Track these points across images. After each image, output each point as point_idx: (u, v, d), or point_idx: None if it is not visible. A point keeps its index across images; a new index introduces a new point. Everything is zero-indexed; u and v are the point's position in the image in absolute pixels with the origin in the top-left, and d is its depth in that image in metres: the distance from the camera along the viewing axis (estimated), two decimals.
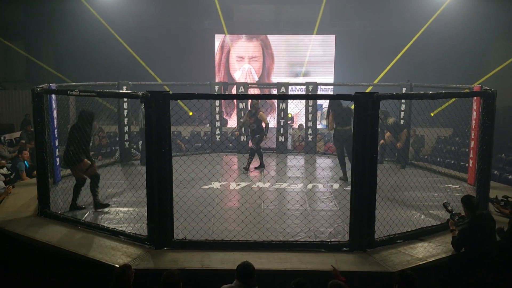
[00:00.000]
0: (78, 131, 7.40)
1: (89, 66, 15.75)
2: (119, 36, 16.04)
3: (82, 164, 7.49)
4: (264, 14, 17.73)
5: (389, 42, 16.16)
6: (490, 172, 7.57)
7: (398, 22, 16.26)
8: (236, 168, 10.65)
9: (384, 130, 10.82)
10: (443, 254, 5.97)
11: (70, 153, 7.41)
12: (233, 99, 14.17)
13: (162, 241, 6.01)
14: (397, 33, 16.11)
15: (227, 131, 13.82)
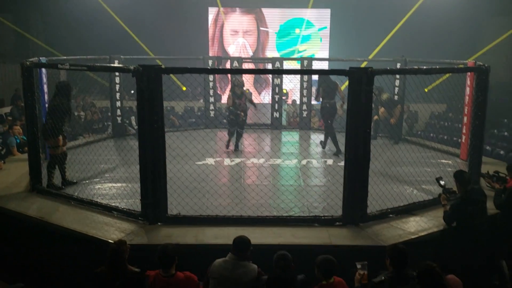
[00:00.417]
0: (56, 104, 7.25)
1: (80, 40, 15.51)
2: (110, 9, 15.79)
3: (55, 140, 7.35)
4: None
5: (384, 17, 16.01)
6: (482, 147, 7.61)
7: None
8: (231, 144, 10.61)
9: (378, 106, 10.82)
10: (435, 228, 6.03)
11: (47, 126, 7.27)
12: (227, 74, 14.06)
13: (155, 216, 6.01)
14: (392, 8, 15.95)
15: (221, 107, 13.75)
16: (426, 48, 14.58)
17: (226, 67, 13.56)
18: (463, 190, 5.93)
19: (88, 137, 11.34)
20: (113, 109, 11.45)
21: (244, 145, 10.39)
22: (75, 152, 9.22)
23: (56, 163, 7.46)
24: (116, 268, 4.63)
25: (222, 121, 13.00)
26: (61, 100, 7.26)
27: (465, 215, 5.83)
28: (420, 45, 14.86)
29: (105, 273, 4.65)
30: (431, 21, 15.45)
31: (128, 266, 4.72)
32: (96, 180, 7.93)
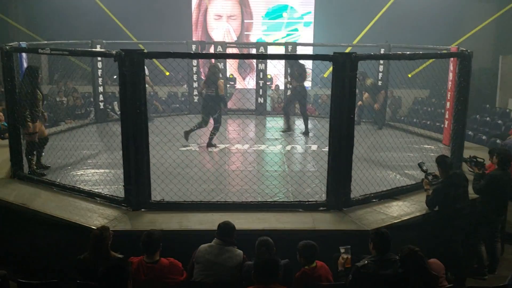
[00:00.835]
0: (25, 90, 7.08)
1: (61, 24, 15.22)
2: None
3: (31, 127, 7.20)
4: None
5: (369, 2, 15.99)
6: (464, 132, 7.68)
7: None
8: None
9: (362, 91, 10.85)
10: (418, 213, 6.10)
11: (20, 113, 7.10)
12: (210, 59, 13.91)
13: (139, 202, 5.98)
14: None
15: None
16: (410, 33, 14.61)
17: (210, 52, 13.45)
18: (445, 175, 6.00)
19: (71, 123, 11.21)
20: (95, 95, 11.32)
21: (229, 130, 10.35)
22: (57, 138, 9.13)
23: (34, 149, 7.35)
24: (99, 255, 4.61)
25: None
26: (29, 85, 7.10)
27: (447, 199, 5.91)
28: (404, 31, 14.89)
29: (88, 260, 4.63)
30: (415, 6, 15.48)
31: (111, 253, 4.70)
32: (78, 166, 7.85)
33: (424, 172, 6.28)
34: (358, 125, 9.72)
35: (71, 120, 11.63)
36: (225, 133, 10.11)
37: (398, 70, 8.21)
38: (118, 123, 6.21)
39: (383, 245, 4.52)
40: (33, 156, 7.36)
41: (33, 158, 7.35)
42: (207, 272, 4.61)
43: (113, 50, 5.84)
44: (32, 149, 7.34)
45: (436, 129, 10.57)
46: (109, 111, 11.82)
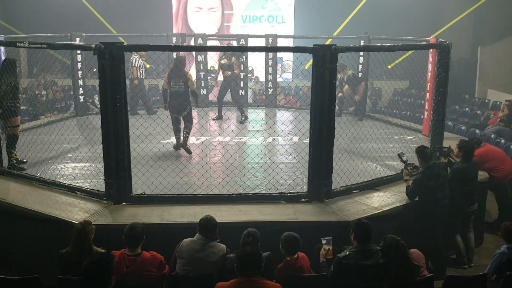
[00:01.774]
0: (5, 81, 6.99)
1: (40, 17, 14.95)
2: None
3: (14, 120, 7.13)
4: None
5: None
6: (444, 123, 7.77)
7: None
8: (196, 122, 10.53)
9: (343, 83, 10.90)
10: (398, 203, 6.17)
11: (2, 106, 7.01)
12: (190, 51, 13.85)
13: (120, 196, 5.95)
14: None
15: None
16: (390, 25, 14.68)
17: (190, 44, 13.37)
18: (425, 165, 6.08)
19: (50, 116, 11.07)
20: (75, 88, 11.19)
21: (210, 123, 10.34)
22: (37, 132, 9.02)
23: (15, 142, 7.26)
24: (81, 249, 4.60)
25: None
26: (9, 78, 6.99)
27: (427, 189, 5.99)
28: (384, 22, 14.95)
29: (71, 254, 4.62)
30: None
31: (93, 247, 4.68)
32: (59, 160, 7.78)
33: (403, 162, 6.35)
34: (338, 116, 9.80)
35: (51, 113, 11.48)
36: (206, 125, 10.09)
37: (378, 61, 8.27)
38: (98, 116, 6.16)
39: (364, 235, 4.58)
40: (14, 149, 7.27)
41: (13, 151, 7.27)
42: (190, 267, 4.62)
43: (92, 43, 5.78)
44: (14, 143, 7.26)
45: (416, 119, 10.69)
46: (89, 104, 11.70)
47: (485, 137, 9.38)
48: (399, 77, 13.01)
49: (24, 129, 9.15)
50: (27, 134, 8.54)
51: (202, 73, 12.22)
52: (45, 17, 14.85)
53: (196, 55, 12.31)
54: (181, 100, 8.06)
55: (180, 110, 8.11)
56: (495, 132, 9.66)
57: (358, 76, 11.17)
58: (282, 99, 13.25)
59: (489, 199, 7.51)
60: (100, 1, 15.50)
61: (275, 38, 12.27)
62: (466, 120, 12.12)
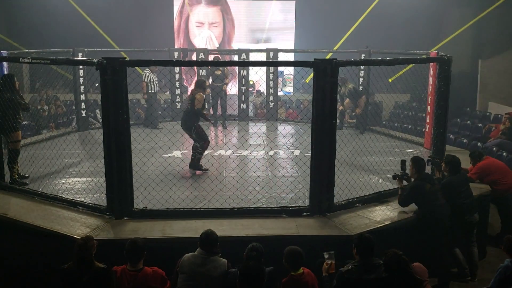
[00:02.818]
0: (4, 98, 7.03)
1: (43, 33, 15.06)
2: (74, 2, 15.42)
3: (15, 135, 7.19)
4: None
5: (349, 8, 16.12)
6: (445, 136, 7.78)
7: None
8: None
9: (344, 97, 10.94)
10: (400, 217, 6.16)
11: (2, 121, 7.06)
12: (192, 66, 13.93)
13: (122, 211, 5.94)
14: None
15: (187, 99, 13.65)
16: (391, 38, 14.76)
17: (192, 59, 13.45)
18: (418, 175, 6.11)
19: (52, 131, 11.11)
20: (77, 103, 11.24)
21: (211, 137, 10.35)
22: (39, 146, 9.03)
23: (17, 157, 7.29)
24: (83, 264, 4.57)
25: None
26: (7, 93, 7.03)
27: (424, 195, 5.99)
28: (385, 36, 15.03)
29: (72, 269, 4.59)
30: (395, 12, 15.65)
31: (95, 262, 4.66)
32: (60, 175, 7.79)
33: (402, 170, 6.34)
34: (340, 129, 9.82)
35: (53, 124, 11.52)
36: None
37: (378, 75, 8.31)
38: (100, 131, 6.18)
39: (366, 249, 4.55)
40: (16, 164, 7.29)
41: (15, 166, 7.28)
42: (191, 282, 4.59)
43: (94, 58, 5.83)
44: (16, 157, 7.28)
45: (417, 133, 10.69)
46: (92, 119, 11.73)
47: (487, 150, 9.37)
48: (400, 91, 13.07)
49: (26, 144, 9.19)
50: (29, 149, 8.57)
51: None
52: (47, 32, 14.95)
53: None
54: (185, 118, 8.05)
55: (186, 129, 8.08)
56: (497, 145, 9.66)
57: (359, 89, 11.20)
58: (283, 113, 13.28)
59: (492, 212, 7.49)
60: (103, 17, 15.62)
61: (276, 52, 12.34)
62: (468, 133, 12.11)
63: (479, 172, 7.41)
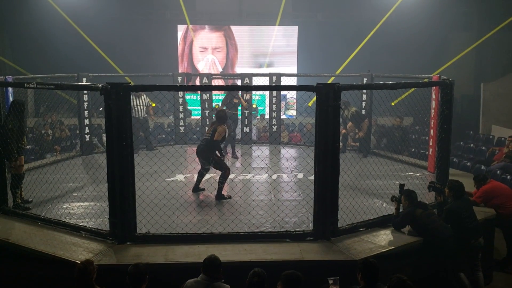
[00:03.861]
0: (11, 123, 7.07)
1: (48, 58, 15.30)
2: (79, 27, 15.65)
3: (18, 160, 7.22)
4: (227, 5, 17.59)
5: (351, 32, 16.30)
6: (449, 159, 7.77)
7: (358, 13, 16.43)
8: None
9: (346, 120, 10.96)
10: (405, 242, 6.10)
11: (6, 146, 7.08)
12: (195, 91, 14.04)
13: (124, 235, 5.92)
14: (358, 24, 16.28)
15: (191, 122, 13.71)
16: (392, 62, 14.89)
17: (196, 83, 13.56)
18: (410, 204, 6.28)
19: (57, 155, 11.14)
20: (81, 127, 11.30)
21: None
22: (43, 171, 9.05)
23: (20, 182, 7.30)
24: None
25: (192, 137, 13.00)
26: (15, 120, 7.08)
27: (417, 220, 6.09)
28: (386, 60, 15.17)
29: None
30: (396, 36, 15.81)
31: (96, 287, 4.63)
32: (64, 199, 7.77)
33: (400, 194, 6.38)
34: (343, 153, 9.81)
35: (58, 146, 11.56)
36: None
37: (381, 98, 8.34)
38: (104, 155, 6.20)
39: (371, 275, 4.52)
40: (19, 189, 7.30)
41: (18, 191, 7.29)
42: None
43: (99, 84, 5.88)
44: (18, 182, 7.29)
45: (421, 156, 10.67)
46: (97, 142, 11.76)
47: (491, 173, 9.33)
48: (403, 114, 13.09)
49: (30, 168, 9.21)
50: (32, 174, 8.58)
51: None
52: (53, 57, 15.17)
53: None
54: (204, 148, 7.94)
55: (204, 159, 7.95)
56: (501, 168, 9.62)
57: (362, 113, 11.23)
58: (286, 136, 13.30)
59: (497, 236, 7.41)
60: (107, 42, 15.83)
61: (279, 76, 12.42)
62: (471, 156, 12.07)
63: (483, 195, 7.37)
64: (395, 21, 15.79)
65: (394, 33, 15.80)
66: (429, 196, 7.34)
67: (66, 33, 15.50)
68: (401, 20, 15.79)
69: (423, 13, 15.43)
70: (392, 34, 15.79)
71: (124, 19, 16.67)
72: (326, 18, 17.12)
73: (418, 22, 15.59)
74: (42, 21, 15.38)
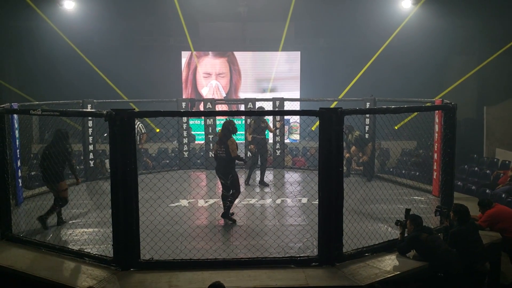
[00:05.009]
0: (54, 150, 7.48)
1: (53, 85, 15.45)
2: (83, 54, 15.83)
3: (61, 185, 7.61)
4: (230, 31, 17.79)
5: (353, 57, 16.42)
6: (453, 183, 7.75)
7: (360, 38, 16.56)
8: (205, 185, 10.58)
9: (350, 144, 10.98)
10: (411, 267, 6.06)
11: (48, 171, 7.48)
12: (199, 116, 14.11)
13: (128, 262, 5.90)
14: (360, 49, 16.40)
15: (195, 147, 13.75)
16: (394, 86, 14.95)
17: (200, 109, 13.66)
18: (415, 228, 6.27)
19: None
20: (85, 153, 11.35)
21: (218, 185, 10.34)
22: (48, 197, 9.04)
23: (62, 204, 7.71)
24: None
25: (195, 161, 13.03)
26: (62, 146, 7.55)
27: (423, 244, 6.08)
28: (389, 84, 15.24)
29: None
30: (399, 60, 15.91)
31: None
32: (68, 225, 7.78)
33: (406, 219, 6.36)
34: (347, 177, 9.80)
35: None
36: (214, 188, 10.11)
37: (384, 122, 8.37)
38: (108, 181, 6.22)
39: None
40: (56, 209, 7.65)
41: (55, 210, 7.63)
42: None
43: (104, 110, 5.93)
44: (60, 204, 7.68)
45: (425, 180, 10.64)
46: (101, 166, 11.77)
47: (496, 196, 9.29)
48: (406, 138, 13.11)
49: (35, 194, 9.24)
50: (37, 200, 8.59)
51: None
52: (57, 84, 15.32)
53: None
54: (222, 166, 7.89)
55: (223, 175, 7.92)
56: (506, 192, 9.58)
57: (365, 137, 11.25)
58: (289, 160, 13.30)
59: (504, 261, 7.34)
60: (112, 69, 15.98)
61: (282, 101, 12.49)
62: (476, 180, 12.03)
63: (489, 219, 7.34)
64: (397, 45, 15.92)
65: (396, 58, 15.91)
66: (434, 221, 7.30)
67: (71, 60, 15.67)
68: (403, 44, 15.91)
69: (425, 37, 15.56)
70: (394, 58, 15.90)
71: (129, 46, 16.87)
72: (328, 44, 17.28)
73: (419, 46, 15.71)
74: (47, 48, 15.57)
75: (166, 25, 16.92)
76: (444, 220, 6.73)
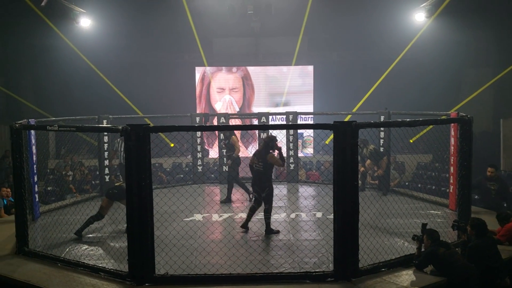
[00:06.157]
0: None
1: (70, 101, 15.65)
2: (99, 70, 16.03)
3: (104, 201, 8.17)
4: (243, 46, 17.91)
5: (366, 71, 16.40)
6: (470, 197, 7.64)
7: (374, 52, 16.56)
8: (219, 199, 10.57)
9: (365, 158, 10.92)
10: (428, 282, 5.96)
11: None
12: (213, 131, 14.17)
13: (143, 277, 5.89)
14: (373, 62, 16.38)
15: (209, 162, 13.78)
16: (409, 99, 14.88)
17: (214, 123, 13.72)
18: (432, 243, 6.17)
19: (76, 196, 11.23)
20: (101, 168, 11.43)
21: (233, 199, 10.33)
22: (63, 212, 9.13)
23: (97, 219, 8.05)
24: None
25: (209, 176, 13.05)
26: None
27: (440, 259, 5.99)
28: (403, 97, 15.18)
29: None
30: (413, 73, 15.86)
31: None
32: (83, 240, 7.81)
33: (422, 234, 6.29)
34: (362, 191, 9.73)
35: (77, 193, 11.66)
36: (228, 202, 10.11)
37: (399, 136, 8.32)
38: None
39: None
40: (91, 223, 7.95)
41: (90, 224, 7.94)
42: None
43: (119, 126, 5.99)
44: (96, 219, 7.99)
45: (441, 193, 10.52)
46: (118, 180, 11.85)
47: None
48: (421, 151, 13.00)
49: (51, 209, 9.31)
50: (53, 215, 8.65)
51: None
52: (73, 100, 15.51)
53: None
54: (258, 179, 7.99)
55: (259, 188, 8.00)
56: None
57: (380, 150, 11.19)
58: (303, 174, 13.26)
59: None
60: (127, 85, 16.16)
61: (295, 115, 12.50)
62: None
63: (507, 234, 7.22)
64: (411, 58, 15.88)
65: (411, 70, 15.86)
66: (451, 235, 7.21)
67: (87, 76, 15.88)
68: (417, 57, 15.87)
69: (439, 50, 15.50)
70: (408, 71, 15.85)
71: (144, 62, 17.07)
72: (341, 58, 17.30)
73: (434, 59, 15.65)
74: (63, 65, 15.78)
75: (180, 42, 17.08)
76: (461, 234, 6.64)
